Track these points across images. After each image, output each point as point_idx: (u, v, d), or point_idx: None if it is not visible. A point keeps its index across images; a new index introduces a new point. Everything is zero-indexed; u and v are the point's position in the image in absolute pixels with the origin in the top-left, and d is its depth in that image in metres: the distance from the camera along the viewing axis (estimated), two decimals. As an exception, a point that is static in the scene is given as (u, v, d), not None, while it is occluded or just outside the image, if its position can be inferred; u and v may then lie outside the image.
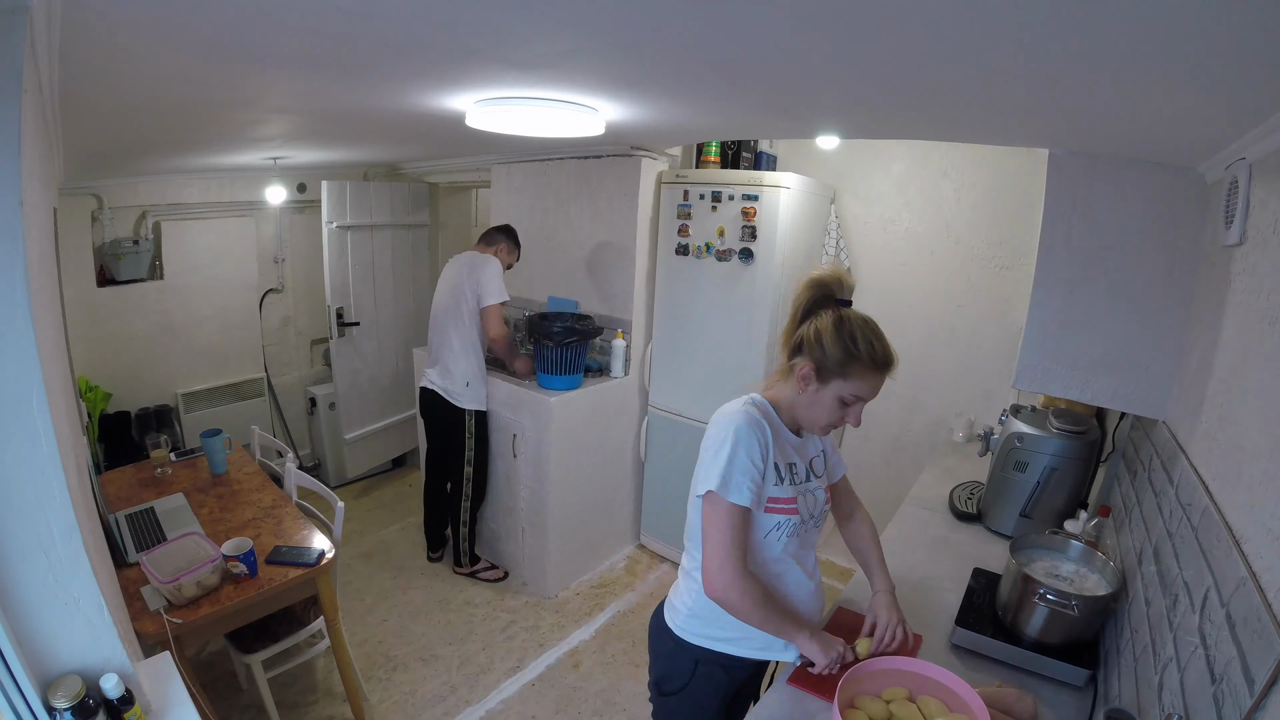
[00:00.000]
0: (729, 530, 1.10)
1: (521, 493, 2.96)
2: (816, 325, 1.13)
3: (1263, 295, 1.02)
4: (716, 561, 1.11)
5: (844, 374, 1.11)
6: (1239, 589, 0.82)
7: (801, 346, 1.15)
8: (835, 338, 1.11)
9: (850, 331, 1.11)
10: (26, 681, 0.93)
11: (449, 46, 1.13)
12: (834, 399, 1.13)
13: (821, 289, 1.16)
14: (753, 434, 1.12)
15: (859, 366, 1.10)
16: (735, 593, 1.11)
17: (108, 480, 2.44)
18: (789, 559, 1.23)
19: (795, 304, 1.19)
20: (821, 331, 1.12)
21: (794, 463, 1.22)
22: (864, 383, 1.12)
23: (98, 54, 1.16)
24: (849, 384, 1.12)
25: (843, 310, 1.15)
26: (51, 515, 0.95)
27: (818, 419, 1.17)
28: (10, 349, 0.88)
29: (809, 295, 1.17)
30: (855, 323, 1.12)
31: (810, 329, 1.14)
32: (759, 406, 1.18)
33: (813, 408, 1.16)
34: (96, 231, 3.26)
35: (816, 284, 1.17)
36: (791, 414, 1.21)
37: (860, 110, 1.54)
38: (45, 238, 1.38)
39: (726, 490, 1.10)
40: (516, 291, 3.58)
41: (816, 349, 1.12)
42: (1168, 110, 1.07)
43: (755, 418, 1.14)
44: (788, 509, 1.18)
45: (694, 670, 1.28)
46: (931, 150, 2.73)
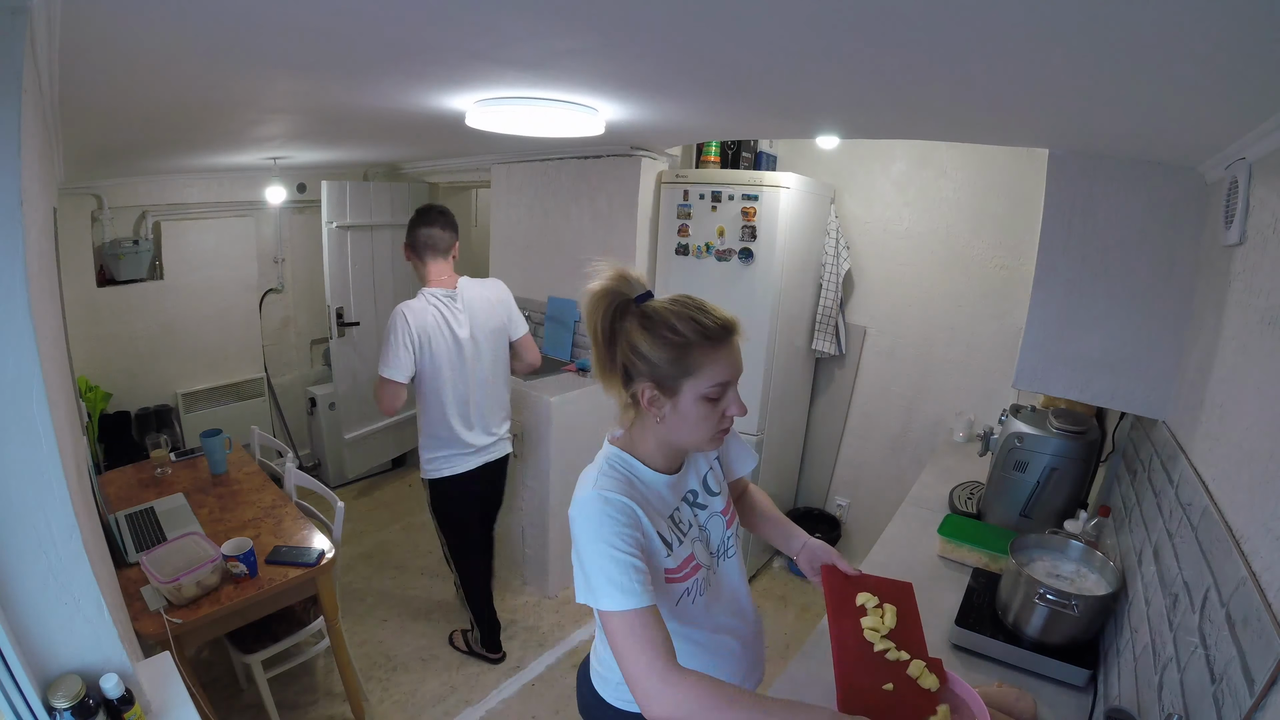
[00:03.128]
0: (633, 634, 0.86)
1: (521, 493, 2.96)
2: (627, 339, 0.96)
3: (1262, 295, 1.02)
4: (634, 675, 0.84)
5: (687, 370, 0.93)
6: (1239, 589, 0.82)
7: (628, 371, 0.97)
8: (652, 339, 0.94)
9: (663, 322, 0.94)
10: (26, 681, 0.93)
11: (449, 46, 1.13)
12: (696, 403, 0.95)
13: (611, 298, 0.98)
14: (617, 528, 0.91)
15: (696, 353, 0.93)
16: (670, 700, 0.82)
17: (108, 480, 2.44)
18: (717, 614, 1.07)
19: (591, 329, 0.99)
20: (635, 342, 0.95)
21: (676, 510, 1.04)
22: (715, 365, 0.94)
23: (98, 54, 1.16)
24: (700, 378, 0.94)
25: (642, 308, 0.97)
26: (51, 515, 0.95)
27: (699, 434, 0.98)
28: (10, 349, 0.88)
29: (602, 311, 0.98)
30: (664, 311, 0.95)
31: (624, 347, 0.96)
32: (617, 475, 0.99)
33: (683, 427, 0.97)
34: (96, 231, 3.26)
35: (602, 296, 0.98)
36: (663, 449, 1.03)
37: (860, 110, 1.54)
38: (45, 238, 1.38)
39: (618, 602, 0.87)
40: (517, 291, 3.58)
41: (641, 363, 0.95)
42: (1168, 110, 1.07)
43: (610, 500, 0.94)
44: (687, 572, 1.02)
45: None
46: (931, 150, 2.73)
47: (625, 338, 0.96)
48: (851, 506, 3.27)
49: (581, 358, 3.19)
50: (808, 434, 3.31)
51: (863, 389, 3.12)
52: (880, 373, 3.06)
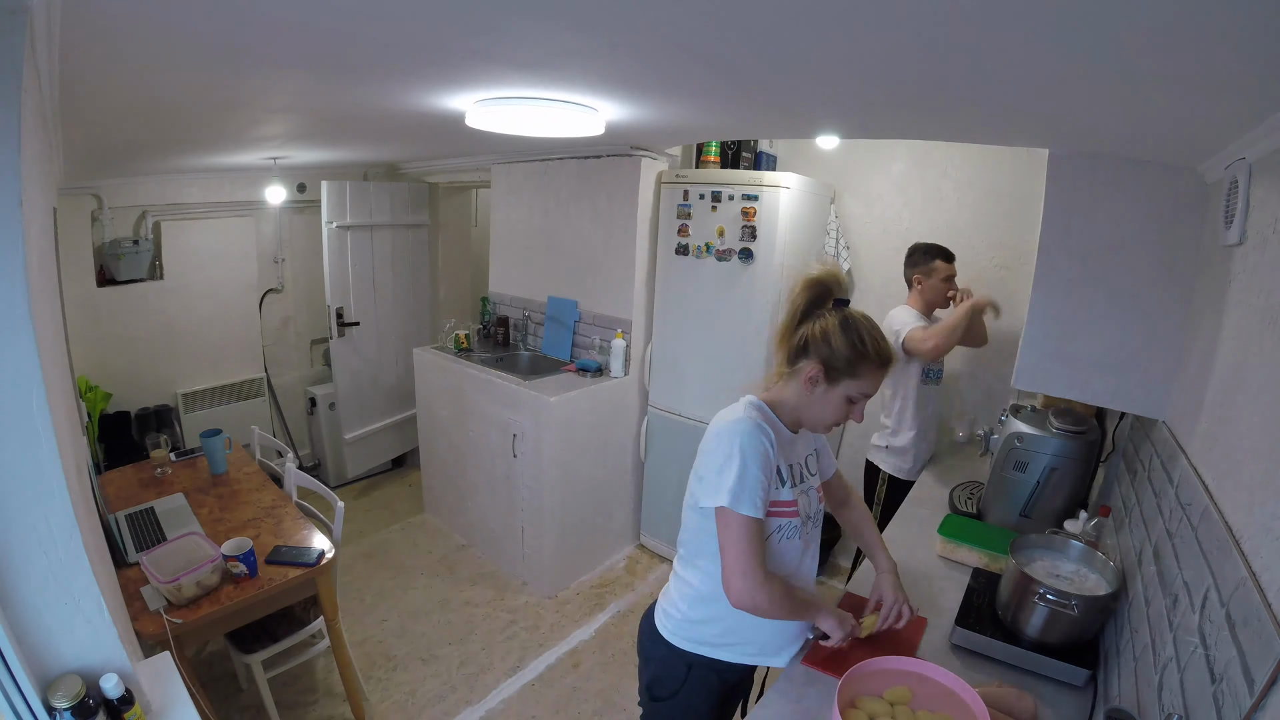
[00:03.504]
0: (746, 542, 1.10)
1: (521, 493, 2.96)
2: (822, 326, 1.14)
3: (1262, 295, 1.02)
4: (739, 573, 1.11)
5: (853, 373, 1.13)
6: (1239, 589, 0.82)
7: (806, 348, 1.15)
8: (843, 338, 1.12)
9: (857, 331, 1.12)
10: (26, 681, 0.93)
11: (449, 46, 1.13)
12: (842, 398, 1.15)
13: (820, 289, 1.17)
14: (759, 444, 1.11)
15: (867, 365, 1.12)
16: (761, 598, 1.12)
17: (108, 480, 2.44)
18: (791, 563, 1.24)
19: (792, 304, 1.18)
20: (829, 332, 1.13)
21: (794, 463, 1.23)
22: (870, 380, 1.14)
23: (98, 54, 1.16)
24: (857, 382, 1.13)
25: (846, 310, 1.16)
26: (51, 515, 0.95)
27: (825, 418, 1.18)
28: (10, 349, 0.88)
29: (807, 296, 1.17)
30: (861, 322, 1.14)
31: (815, 329, 1.14)
32: (760, 411, 1.18)
33: (821, 407, 1.17)
34: (96, 231, 3.26)
35: (815, 284, 1.17)
36: (794, 415, 1.21)
37: (860, 110, 1.54)
38: (45, 238, 1.38)
39: (740, 504, 1.09)
40: (516, 291, 3.58)
41: (824, 349, 1.13)
42: (1168, 110, 1.07)
43: (759, 424, 1.13)
44: (789, 511, 1.19)
45: (687, 675, 1.28)
46: (931, 150, 2.73)
47: (821, 324, 1.14)
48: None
49: (581, 358, 3.19)
50: (808, 434, 3.30)
51: (863, 389, 3.12)
52: (880, 373, 3.05)
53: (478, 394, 3.09)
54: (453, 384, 3.25)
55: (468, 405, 3.16)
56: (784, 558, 1.23)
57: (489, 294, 3.77)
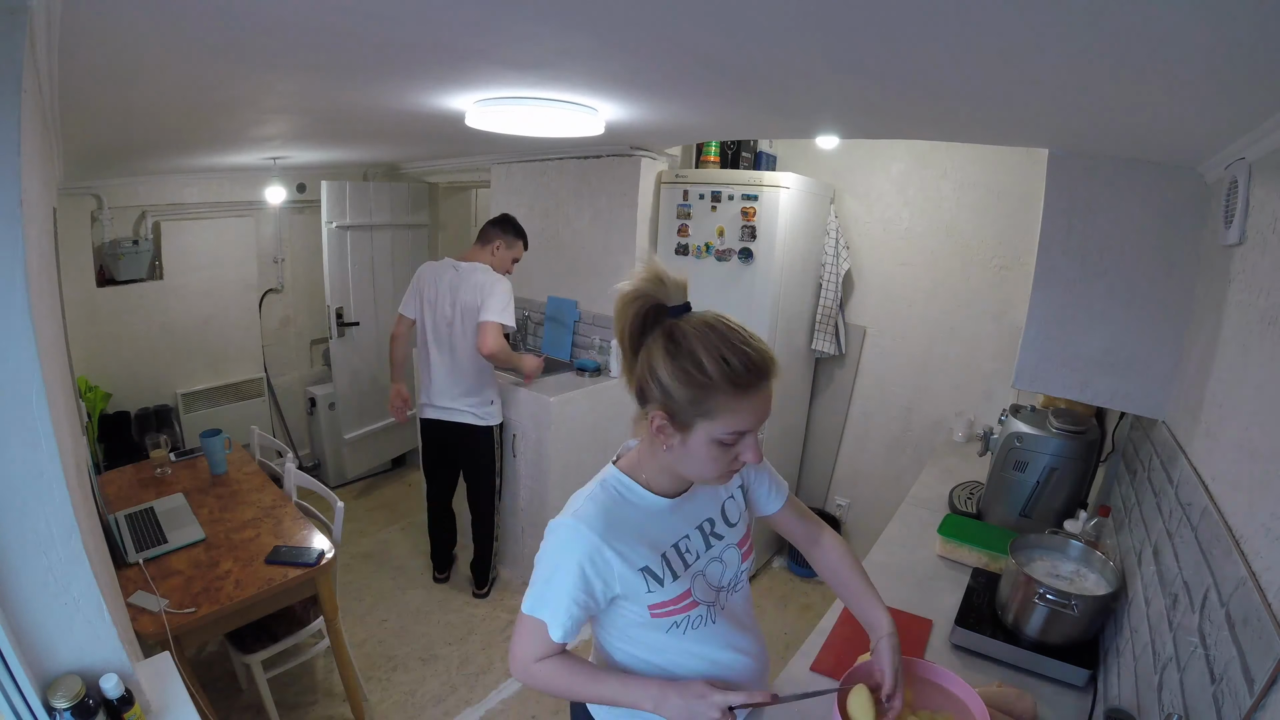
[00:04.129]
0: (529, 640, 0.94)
1: (521, 493, 2.95)
2: (647, 358, 0.85)
3: (1262, 295, 1.02)
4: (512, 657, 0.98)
5: (703, 412, 0.82)
6: (1239, 589, 0.82)
7: (642, 390, 0.87)
8: (673, 369, 0.82)
9: (689, 352, 0.81)
10: (26, 681, 0.93)
11: (449, 46, 1.13)
12: (707, 445, 0.85)
13: (643, 301, 0.86)
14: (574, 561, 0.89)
15: (719, 397, 0.81)
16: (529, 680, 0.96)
17: (108, 480, 2.44)
18: (710, 646, 1.00)
19: (618, 333, 0.89)
20: (655, 366, 0.83)
21: (678, 541, 0.97)
22: (735, 414, 0.83)
23: (98, 54, 1.16)
24: (716, 422, 0.83)
25: (674, 324, 0.85)
26: (51, 515, 0.95)
27: (705, 472, 0.89)
28: (10, 349, 0.88)
29: (631, 315, 0.86)
30: (693, 339, 0.82)
31: (642, 364, 0.86)
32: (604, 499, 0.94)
33: (688, 462, 0.88)
34: (96, 231, 3.26)
35: (634, 298, 0.86)
36: (669, 473, 0.95)
37: (860, 110, 1.54)
38: (45, 238, 1.38)
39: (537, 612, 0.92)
40: (517, 291, 3.58)
41: (656, 390, 0.84)
42: (1167, 110, 1.07)
43: (580, 534, 0.90)
44: (681, 607, 0.95)
45: None
46: (931, 150, 2.73)
47: (645, 355, 0.85)
48: (851, 506, 3.27)
49: (581, 358, 3.19)
50: (807, 434, 3.31)
51: (862, 389, 3.12)
52: (880, 373, 3.06)
53: (478, 394, 3.08)
54: (453, 384, 3.24)
55: (468, 405, 3.15)
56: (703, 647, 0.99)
57: (489, 294, 3.77)
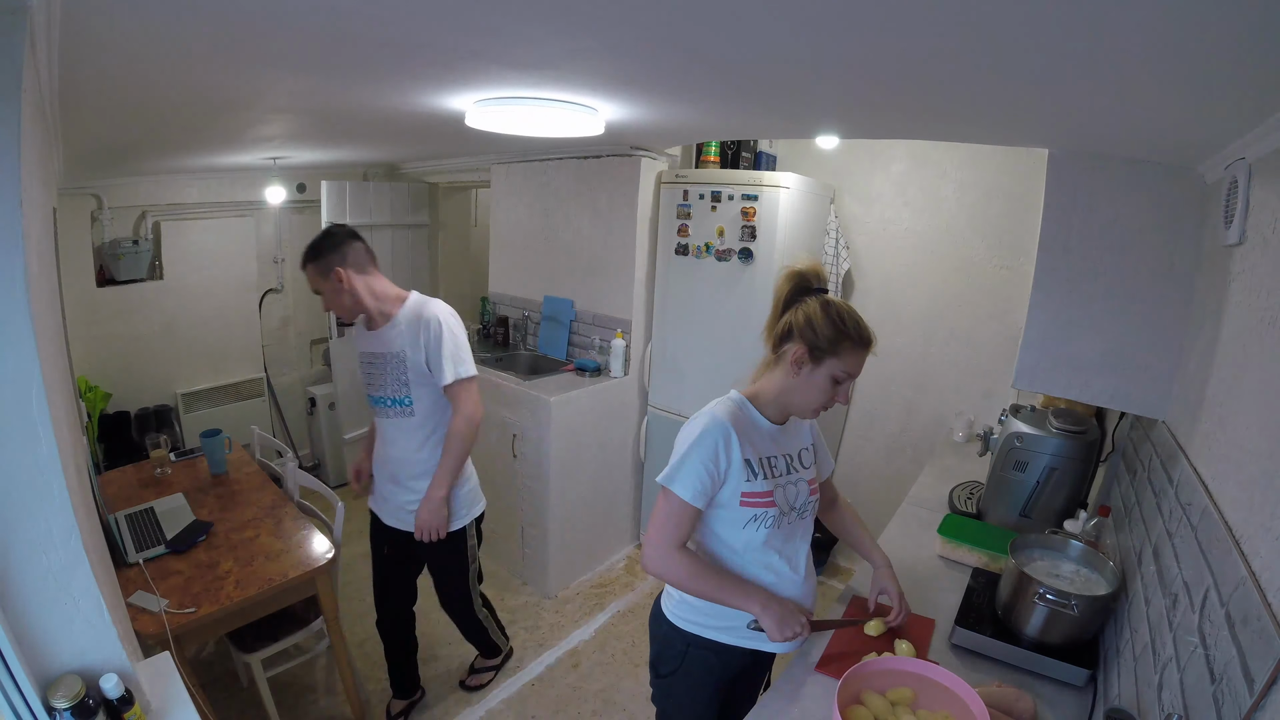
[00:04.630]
0: (664, 517, 1.21)
1: (521, 493, 2.96)
2: (805, 311, 1.20)
3: (1262, 295, 1.02)
4: (649, 543, 1.23)
5: (836, 351, 1.18)
6: (1239, 589, 0.82)
7: (790, 333, 1.22)
8: (825, 319, 1.18)
9: (838, 312, 1.19)
10: (26, 681, 0.93)
11: (449, 47, 1.13)
12: (827, 378, 1.20)
13: (801, 280, 1.24)
14: (710, 438, 1.19)
15: (848, 344, 1.18)
16: (664, 568, 1.22)
17: (108, 480, 2.44)
18: (772, 552, 1.27)
19: (777, 296, 1.26)
20: (811, 315, 1.19)
21: (771, 456, 1.26)
22: (853, 359, 1.19)
23: (98, 54, 1.16)
24: (840, 361, 1.18)
25: (825, 296, 1.23)
26: (51, 515, 0.95)
27: (811, 401, 1.23)
28: (10, 349, 0.88)
29: (789, 286, 1.25)
30: (841, 306, 1.21)
31: (799, 315, 1.21)
32: (732, 406, 1.25)
33: (807, 390, 1.22)
34: (96, 231, 3.26)
35: (797, 275, 1.25)
36: (779, 403, 1.26)
37: (860, 110, 1.54)
38: (45, 238, 1.38)
39: (671, 483, 1.20)
40: (516, 291, 3.59)
41: (808, 331, 1.19)
42: (1168, 110, 1.07)
43: (719, 420, 1.21)
44: (763, 502, 1.24)
45: (685, 654, 1.35)
46: (931, 150, 2.73)
47: (804, 309, 1.20)
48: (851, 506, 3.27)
49: (580, 357, 3.19)
50: (808, 434, 3.30)
51: (863, 389, 3.12)
52: (880, 373, 3.06)
53: (478, 394, 3.09)
54: (453, 384, 3.24)
55: (468, 405, 3.15)
56: (760, 548, 1.27)
57: (489, 294, 3.77)
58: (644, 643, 2.66)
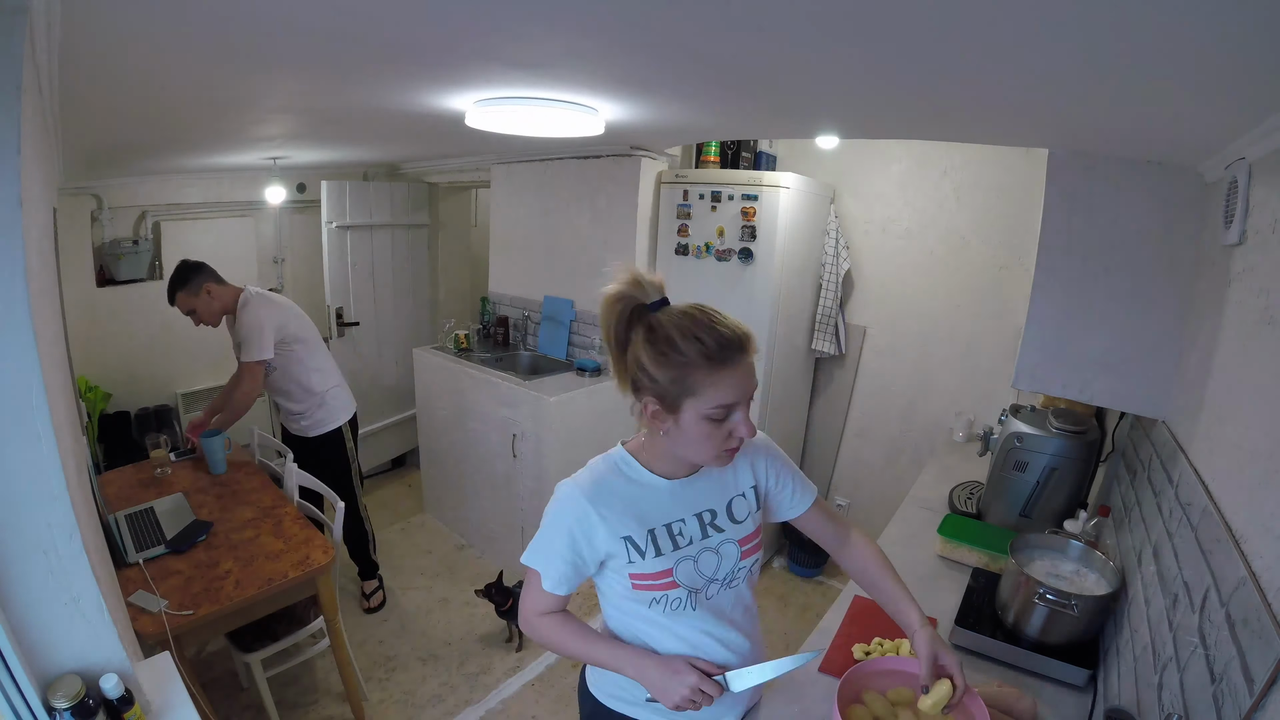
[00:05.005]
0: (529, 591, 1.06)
1: (521, 493, 2.96)
2: (632, 353, 0.94)
3: (1262, 295, 1.02)
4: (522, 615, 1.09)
5: (688, 390, 0.90)
6: (1239, 589, 0.82)
7: (635, 382, 0.96)
8: (654, 355, 0.91)
9: (666, 338, 0.90)
10: (26, 681, 0.93)
11: (449, 47, 1.13)
12: (698, 423, 0.92)
13: (624, 302, 0.96)
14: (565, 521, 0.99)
15: (699, 373, 0.89)
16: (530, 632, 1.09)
17: (108, 480, 2.44)
18: (698, 634, 1.04)
19: (605, 335, 0.98)
20: (639, 356, 0.93)
21: (671, 523, 1.01)
22: (716, 388, 0.90)
23: (98, 54, 1.16)
24: (701, 399, 0.90)
25: (652, 317, 0.94)
26: (51, 515, 0.95)
27: (703, 452, 0.96)
28: (10, 349, 0.88)
29: (615, 316, 0.96)
30: (667, 326, 0.91)
31: (630, 359, 0.95)
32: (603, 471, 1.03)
33: (685, 443, 0.96)
34: (96, 231, 3.26)
35: (616, 300, 0.95)
36: (669, 457, 1.01)
37: (860, 110, 1.54)
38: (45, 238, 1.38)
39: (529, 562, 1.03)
40: (516, 291, 3.58)
41: (644, 378, 0.93)
42: (1167, 110, 1.07)
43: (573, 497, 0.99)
44: (660, 584, 1.00)
45: None
46: (931, 150, 2.73)
47: (632, 350, 0.94)
48: (851, 506, 3.28)
49: (579, 357, 3.19)
50: (808, 434, 3.31)
51: (863, 389, 3.13)
52: (880, 373, 3.06)
53: (477, 394, 3.09)
54: (452, 384, 3.25)
55: (468, 405, 3.16)
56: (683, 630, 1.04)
57: (489, 294, 3.77)
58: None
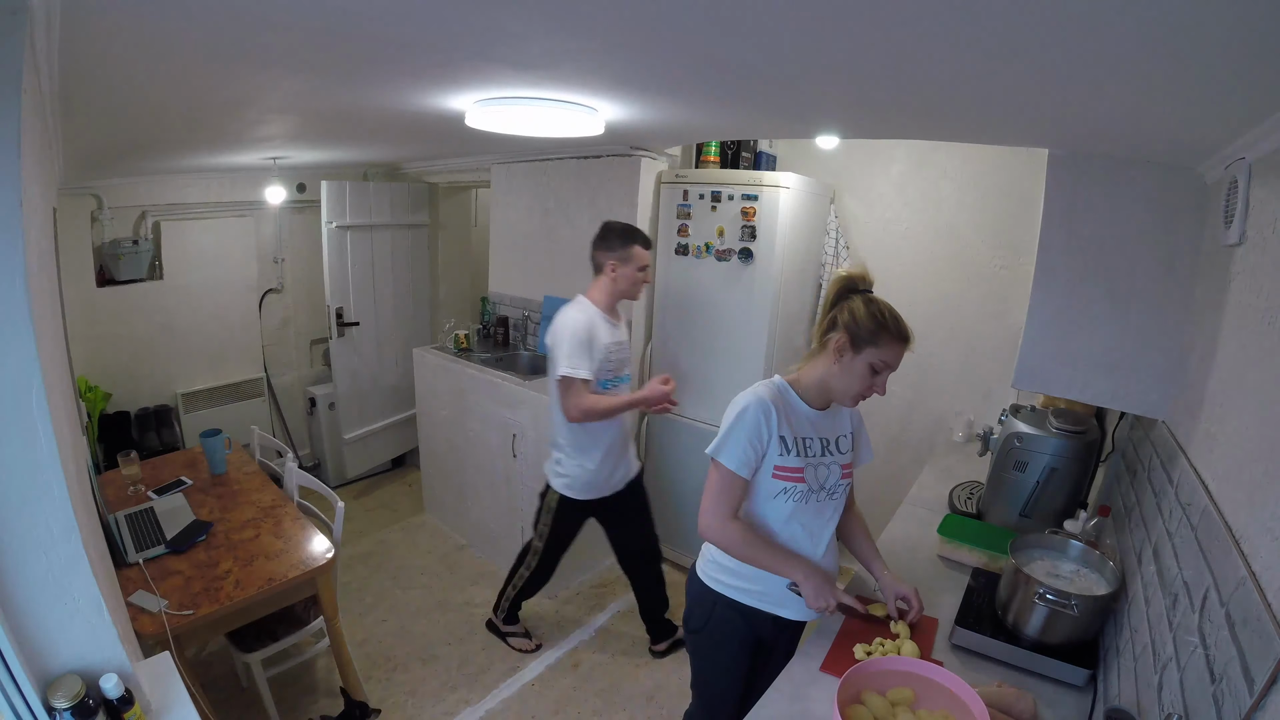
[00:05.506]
0: (716, 486, 1.35)
1: (521, 493, 2.95)
2: (850, 306, 1.33)
3: (1262, 295, 1.02)
4: (704, 509, 1.36)
5: (875, 341, 1.29)
6: (1239, 589, 0.82)
7: (835, 324, 1.34)
8: (867, 312, 1.31)
9: (879, 308, 1.32)
10: (26, 681, 0.93)
11: (449, 46, 1.13)
12: (865, 366, 1.31)
13: (848, 282, 1.38)
14: (753, 413, 1.32)
15: (887, 336, 1.29)
16: (718, 535, 1.36)
17: (108, 480, 2.44)
18: (796, 525, 1.39)
19: (826, 297, 1.39)
20: (854, 309, 1.32)
21: (808, 437, 1.38)
22: (890, 351, 1.30)
23: (98, 54, 1.16)
24: (879, 351, 1.30)
25: (870, 294, 1.36)
26: (51, 515, 0.95)
27: (850, 387, 1.33)
28: (10, 349, 0.88)
29: (837, 288, 1.38)
30: (882, 303, 1.33)
31: (844, 309, 1.34)
32: (774, 388, 1.38)
33: (847, 376, 1.33)
34: (96, 231, 3.26)
35: (844, 279, 1.38)
36: (821, 389, 1.38)
37: (860, 110, 1.54)
38: (45, 238, 1.38)
39: (719, 454, 1.34)
40: (516, 291, 3.58)
41: (851, 322, 1.31)
42: (1167, 110, 1.07)
43: (760, 398, 1.34)
44: (793, 477, 1.36)
45: (712, 611, 1.47)
46: (931, 150, 2.73)
47: (849, 304, 1.33)
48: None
49: (581, 358, 3.18)
50: (808, 434, 3.30)
51: (862, 389, 3.12)
52: (880, 373, 3.05)
53: (478, 394, 3.09)
54: (452, 384, 3.25)
55: (468, 405, 3.16)
56: (786, 520, 1.39)
57: (489, 294, 3.77)
58: (644, 642, 2.66)
